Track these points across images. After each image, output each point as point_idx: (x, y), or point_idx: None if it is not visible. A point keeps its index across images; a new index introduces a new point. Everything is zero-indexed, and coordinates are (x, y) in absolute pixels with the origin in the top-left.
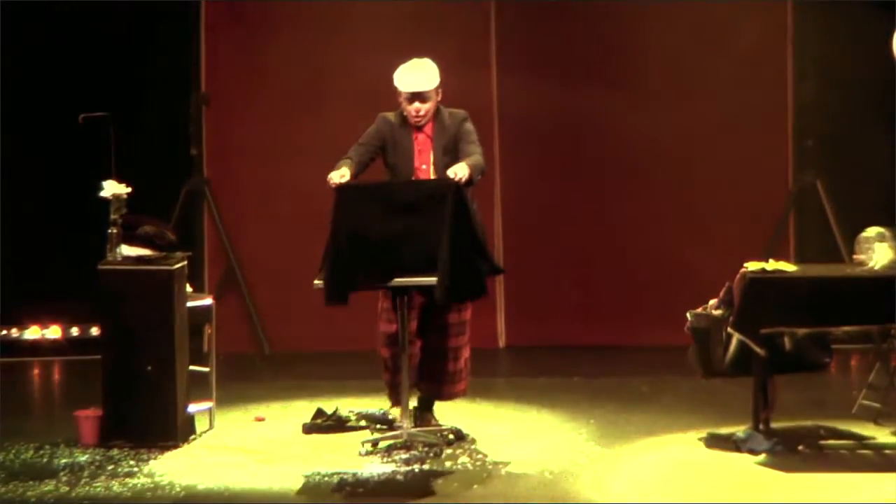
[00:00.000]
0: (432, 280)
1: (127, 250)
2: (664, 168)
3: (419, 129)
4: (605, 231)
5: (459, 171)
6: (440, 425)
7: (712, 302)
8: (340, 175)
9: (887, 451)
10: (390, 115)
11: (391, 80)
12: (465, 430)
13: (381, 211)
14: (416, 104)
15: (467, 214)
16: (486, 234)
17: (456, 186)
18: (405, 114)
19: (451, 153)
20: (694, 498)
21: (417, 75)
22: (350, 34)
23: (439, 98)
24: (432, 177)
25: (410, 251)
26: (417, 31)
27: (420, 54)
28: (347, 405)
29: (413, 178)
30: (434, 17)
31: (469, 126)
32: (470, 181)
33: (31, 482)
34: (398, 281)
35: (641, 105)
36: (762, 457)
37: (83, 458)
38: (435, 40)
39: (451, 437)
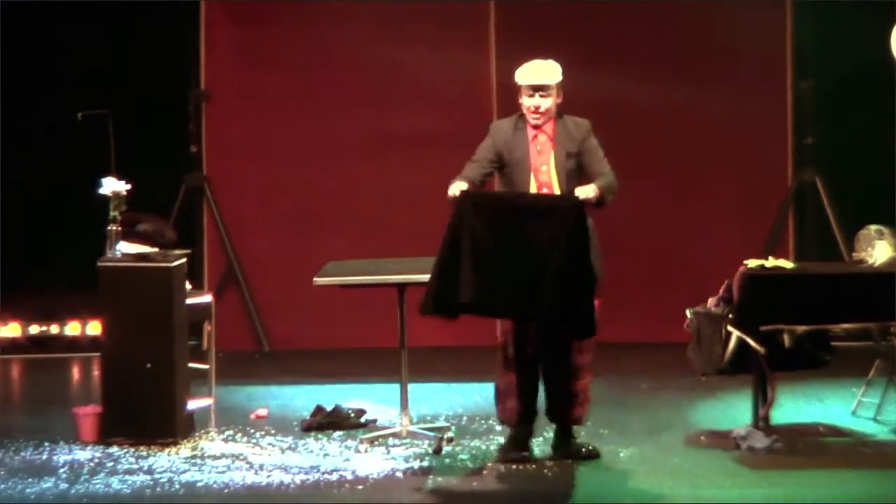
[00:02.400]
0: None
1: (126, 247)
2: (663, 166)
3: (538, 129)
4: (603, 229)
5: (587, 192)
6: (581, 447)
7: (712, 299)
8: (459, 187)
9: (887, 449)
10: (503, 121)
11: (390, 78)
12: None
13: (497, 224)
14: (537, 98)
15: (585, 242)
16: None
17: (579, 206)
18: (524, 111)
19: (573, 159)
20: (694, 495)
21: (539, 69)
22: (349, 33)
23: (560, 100)
24: (554, 179)
25: (523, 272)
26: (417, 30)
27: (420, 53)
28: (346, 402)
29: (534, 181)
30: (434, 15)
31: (595, 141)
32: (602, 202)
33: (30, 479)
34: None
35: (641, 105)
36: (762, 454)
37: (83, 456)
38: (435, 39)
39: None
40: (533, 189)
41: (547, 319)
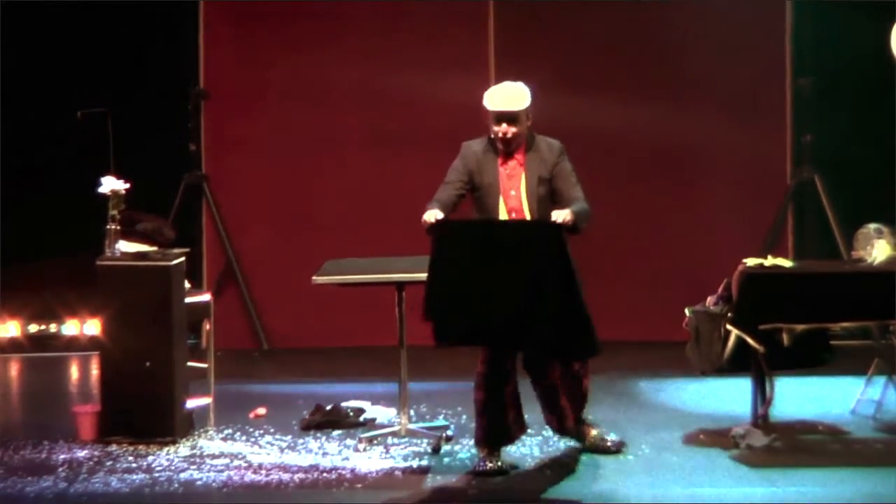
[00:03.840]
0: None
1: (125, 246)
2: (663, 165)
3: (508, 154)
4: (603, 228)
5: (563, 216)
6: (604, 436)
7: (710, 298)
8: (434, 215)
9: (887, 447)
10: (474, 142)
11: (389, 78)
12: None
13: (477, 252)
14: (504, 125)
15: (568, 264)
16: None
17: (558, 231)
18: (493, 136)
19: (545, 184)
20: (692, 494)
21: (506, 96)
22: (349, 32)
23: (530, 122)
24: (524, 203)
25: (507, 301)
26: (416, 30)
27: (419, 53)
28: (345, 401)
29: (503, 205)
30: (433, 16)
31: (568, 164)
32: (575, 228)
33: (29, 478)
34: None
35: (640, 103)
36: (761, 452)
37: (82, 454)
38: (434, 40)
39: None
40: (503, 213)
41: (541, 348)
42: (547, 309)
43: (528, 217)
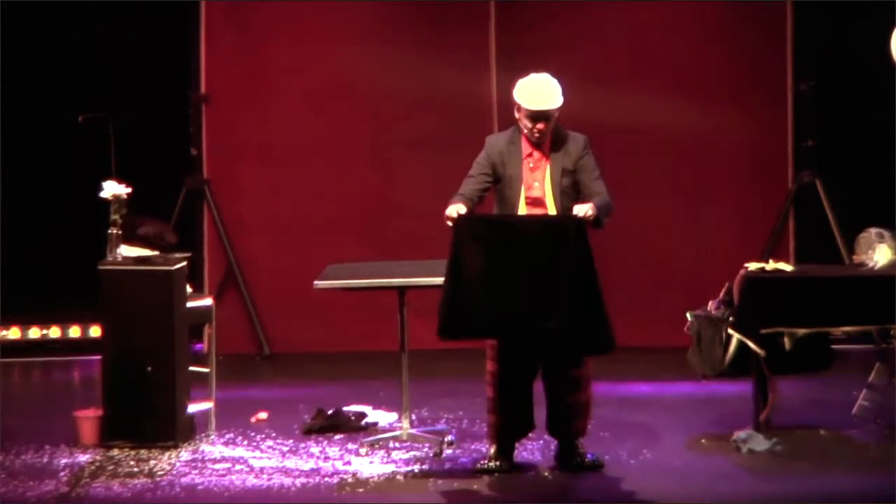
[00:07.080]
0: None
1: (127, 251)
2: (663, 167)
3: (533, 146)
4: (603, 231)
5: (585, 210)
6: (585, 457)
7: (712, 302)
8: (456, 209)
9: (887, 452)
10: (498, 135)
11: (390, 80)
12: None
13: (499, 247)
14: (541, 124)
15: (590, 259)
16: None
17: (579, 225)
18: (523, 129)
19: (569, 176)
20: (694, 498)
21: (543, 94)
22: (350, 34)
23: (557, 115)
24: (548, 195)
25: (527, 295)
26: (417, 31)
27: (420, 54)
28: (347, 405)
29: (524, 197)
30: (434, 16)
31: (592, 158)
32: (598, 222)
33: (31, 482)
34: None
35: (640, 105)
36: (762, 457)
37: (83, 459)
38: (435, 40)
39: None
40: (522, 205)
41: (560, 341)
42: (565, 304)
43: (550, 208)
